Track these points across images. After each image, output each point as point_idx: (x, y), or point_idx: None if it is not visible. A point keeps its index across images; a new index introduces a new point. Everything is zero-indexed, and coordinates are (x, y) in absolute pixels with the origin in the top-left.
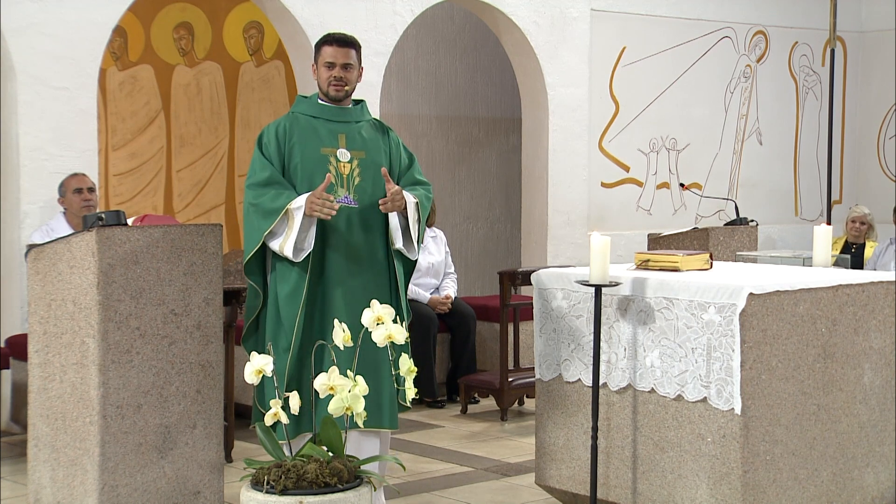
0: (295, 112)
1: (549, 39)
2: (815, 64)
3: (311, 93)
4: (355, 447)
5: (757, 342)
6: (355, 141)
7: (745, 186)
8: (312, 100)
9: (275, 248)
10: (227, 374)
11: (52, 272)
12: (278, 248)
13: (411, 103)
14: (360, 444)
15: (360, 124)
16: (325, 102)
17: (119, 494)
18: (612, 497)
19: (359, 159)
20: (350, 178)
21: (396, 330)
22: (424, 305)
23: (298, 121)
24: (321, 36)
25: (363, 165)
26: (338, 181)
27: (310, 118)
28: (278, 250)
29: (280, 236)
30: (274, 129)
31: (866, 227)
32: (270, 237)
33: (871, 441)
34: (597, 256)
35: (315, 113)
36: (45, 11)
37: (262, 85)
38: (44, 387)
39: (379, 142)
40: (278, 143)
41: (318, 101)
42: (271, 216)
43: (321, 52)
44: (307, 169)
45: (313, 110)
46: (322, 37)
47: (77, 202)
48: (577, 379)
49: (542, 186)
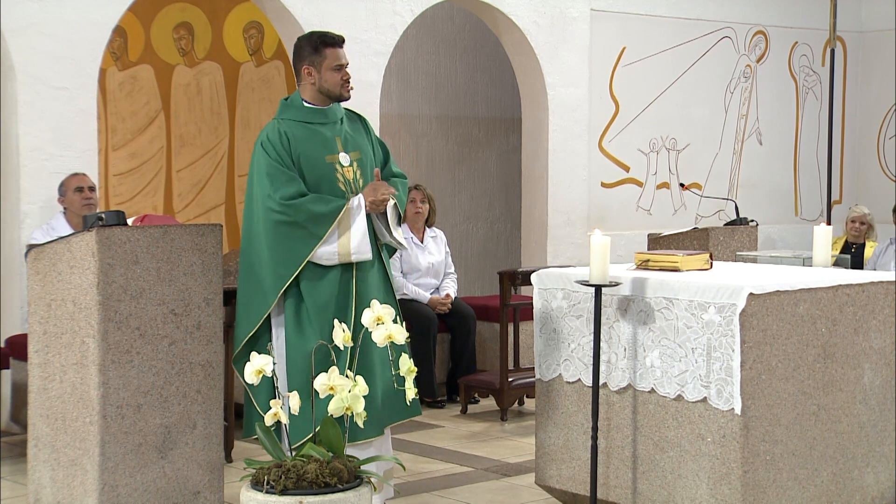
0: (284, 119)
1: (549, 39)
2: (815, 64)
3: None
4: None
5: (757, 342)
6: (349, 142)
7: (745, 186)
8: (297, 104)
9: (328, 253)
10: (227, 374)
11: (52, 272)
12: (338, 253)
13: (411, 103)
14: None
15: (344, 122)
16: (313, 105)
17: (119, 494)
18: (612, 497)
19: (357, 161)
20: (354, 181)
21: (397, 330)
22: (424, 305)
23: (294, 128)
24: (308, 36)
25: (361, 165)
26: (346, 187)
27: (303, 124)
28: (337, 255)
29: (333, 243)
30: (276, 137)
31: (866, 227)
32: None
33: (871, 441)
34: (597, 256)
35: (306, 118)
36: (45, 11)
37: (262, 85)
38: (44, 387)
39: (364, 136)
40: (287, 152)
41: (305, 105)
42: (328, 220)
43: (325, 54)
44: (314, 179)
45: (303, 115)
46: (316, 38)
47: (78, 201)
48: (577, 379)
49: (542, 186)
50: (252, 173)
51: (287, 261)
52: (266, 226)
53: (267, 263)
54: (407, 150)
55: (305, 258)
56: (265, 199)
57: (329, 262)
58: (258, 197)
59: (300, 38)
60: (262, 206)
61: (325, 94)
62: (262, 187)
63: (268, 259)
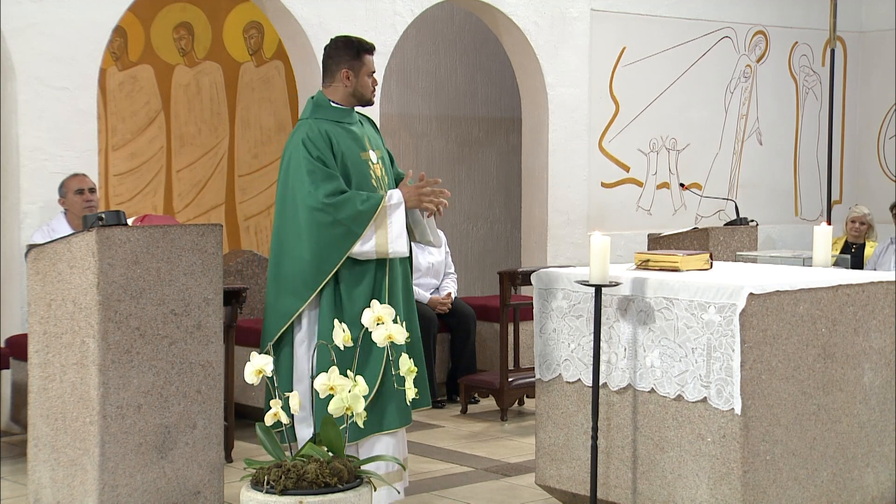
0: (318, 118)
1: (549, 39)
2: (815, 64)
3: (311, 95)
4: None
5: (757, 342)
6: (371, 142)
7: (745, 186)
8: (326, 104)
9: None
10: (227, 374)
11: (52, 272)
12: (375, 248)
13: (411, 103)
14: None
15: (363, 123)
16: (341, 106)
17: (119, 494)
18: (612, 497)
19: (381, 159)
20: (382, 178)
21: (397, 330)
22: (424, 305)
23: (331, 127)
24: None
25: (383, 163)
26: (377, 183)
27: (337, 124)
28: (375, 251)
29: (370, 239)
30: (318, 136)
31: (866, 227)
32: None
33: (871, 441)
34: (597, 256)
35: (338, 118)
36: (45, 11)
37: (262, 85)
38: (44, 387)
39: (378, 137)
40: (329, 150)
41: (334, 106)
42: (367, 217)
43: (364, 60)
44: (355, 176)
45: (335, 115)
46: (356, 43)
47: (78, 203)
48: (577, 379)
49: (542, 186)
50: (287, 171)
51: (328, 257)
52: (307, 222)
53: (306, 259)
54: (407, 150)
55: (345, 254)
56: (306, 196)
57: (367, 257)
58: (298, 194)
59: (337, 41)
60: (303, 203)
61: (356, 97)
62: (303, 185)
63: (308, 255)
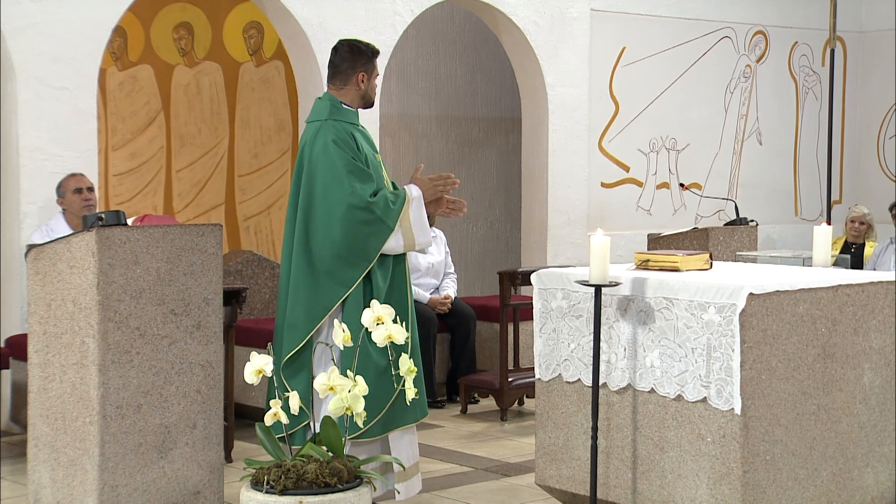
0: (339, 120)
1: (548, 39)
2: (815, 64)
3: (315, 96)
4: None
5: (757, 342)
6: (373, 143)
7: (745, 186)
8: (340, 107)
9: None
10: (227, 374)
11: (52, 272)
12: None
13: (411, 103)
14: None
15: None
16: (351, 108)
17: (119, 494)
18: (612, 497)
19: (381, 160)
20: (388, 179)
21: (396, 330)
22: (424, 305)
23: (350, 129)
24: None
25: (384, 164)
26: (388, 185)
27: (352, 125)
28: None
29: (398, 233)
30: (345, 136)
31: (866, 227)
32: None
33: (871, 441)
34: (597, 256)
35: (353, 120)
36: (45, 11)
37: (262, 85)
38: (44, 387)
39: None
40: (358, 150)
41: (347, 108)
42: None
43: (374, 64)
44: (376, 176)
45: (348, 117)
46: (368, 48)
47: (77, 202)
48: (577, 379)
49: (542, 186)
50: (314, 171)
51: (364, 253)
52: (345, 219)
53: (342, 257)
54: (407, 150)
55: (379, 250)
56: (349, 195)
57: (395, 251)
58: (333, 193)
59: (353, 45)
60: (342, 202)
61: (365, 99)
62: (341, 184)
63: (344, 252)
